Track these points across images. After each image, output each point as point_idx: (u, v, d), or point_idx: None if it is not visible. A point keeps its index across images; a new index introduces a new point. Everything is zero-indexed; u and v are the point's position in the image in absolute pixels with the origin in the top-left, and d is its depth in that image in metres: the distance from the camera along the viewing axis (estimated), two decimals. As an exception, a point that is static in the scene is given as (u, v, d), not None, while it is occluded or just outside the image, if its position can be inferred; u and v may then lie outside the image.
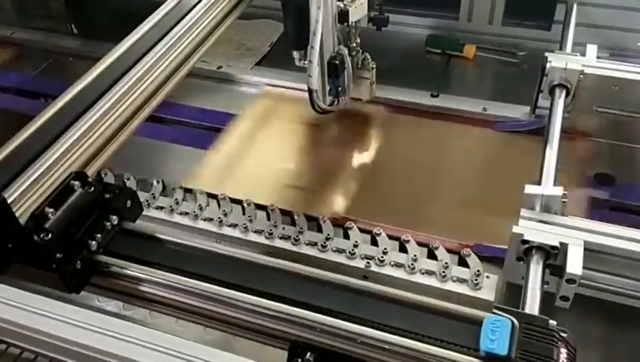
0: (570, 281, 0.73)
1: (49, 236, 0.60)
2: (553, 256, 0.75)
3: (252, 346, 0.65)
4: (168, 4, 0.90)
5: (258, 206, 0.98)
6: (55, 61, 1.47)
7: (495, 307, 0.57)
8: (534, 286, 0.71)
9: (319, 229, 0.94)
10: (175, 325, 0.81)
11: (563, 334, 0.55)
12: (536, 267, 0.74)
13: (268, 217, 0.97)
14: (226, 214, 0.97)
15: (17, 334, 0.76)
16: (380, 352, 0.56)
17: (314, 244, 0.92)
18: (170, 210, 0.99)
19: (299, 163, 1.14)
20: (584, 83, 1.00)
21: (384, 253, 0.89)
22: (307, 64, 0.98)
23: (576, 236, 0.75)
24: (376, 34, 1.11)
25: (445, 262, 0.87)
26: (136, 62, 0.80)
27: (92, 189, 0.65)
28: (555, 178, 0.84)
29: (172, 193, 1.02)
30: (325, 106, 1.06)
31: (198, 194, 1.01)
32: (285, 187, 1.06)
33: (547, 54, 1.02)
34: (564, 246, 0.74)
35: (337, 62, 1.02)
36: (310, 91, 1.01)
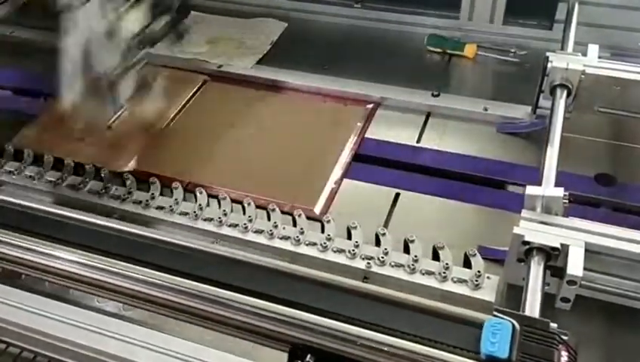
0: (571, 283, 0.73)
1: None
2: (554, 258, 0.75)
3: (251, 348, 0.66)
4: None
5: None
6: (55, 60, 1.47)
7: (495, 309, 0.57)
8: (535, 287, 0.71)
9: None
10: (174, 326, 0.81)
11: (564, 337, 0.55)
12: (537, 268, 0.74)
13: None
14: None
15: (17, 334, 0.77)
16: (380, 354, 0.56)
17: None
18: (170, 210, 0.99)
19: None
20: (585, 83, 1.00)
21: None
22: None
23: (577, 237, 0.75)
24: (377, 34, 1.11)
25: (446, 263, 0.86)
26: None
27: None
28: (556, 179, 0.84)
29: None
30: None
31: (199, 193, 1.01)
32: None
33: (548, 54, 1.02)
34: (565, 247, 0.74)
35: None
36: None
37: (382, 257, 0.88)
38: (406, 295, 0.61)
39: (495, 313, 0.56)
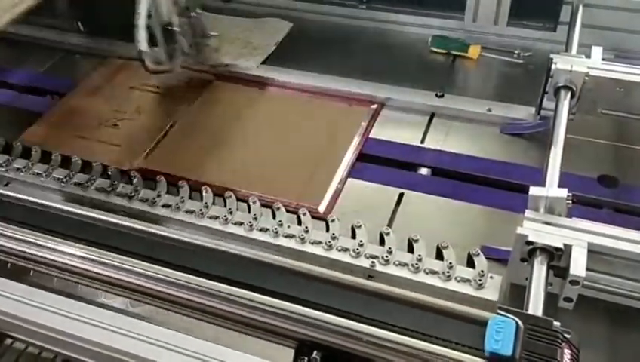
0: (573, 283, 0.74)
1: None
2: (557, 258, 0.76)
3: (258, 344, 0.66)
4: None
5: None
6: (61, 58, 1.48)
7: (499, 308, 0.58)
8: (538, 287, 0.71)
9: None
10: (181, 322, 0.81)
11: (567, 335, 0.56)
12: (540, 268, 0.74)
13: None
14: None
15: (22, 329, 0.77)
16: (386, 351, 0.57)
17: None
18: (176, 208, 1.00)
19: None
20: (589, 85, 1.00)
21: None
22: (135, 27, 1.05)
23: (580, 238, 0.76)
24: (382, 33, 1.11)
25: (450, 262, 0.87)
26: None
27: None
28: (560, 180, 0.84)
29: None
30: (154, 67, 1.14)
31: (204, 192, 1.02)
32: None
33: (552, 56, 1.02)
34: (568, 247, 0.75)
35: (170, 27, 1.12)
36: (140, 52, 1.10)
37: (386, 256, 0.89)
38: (411, 293, 0.62)
39: (499, 311, 0.57)
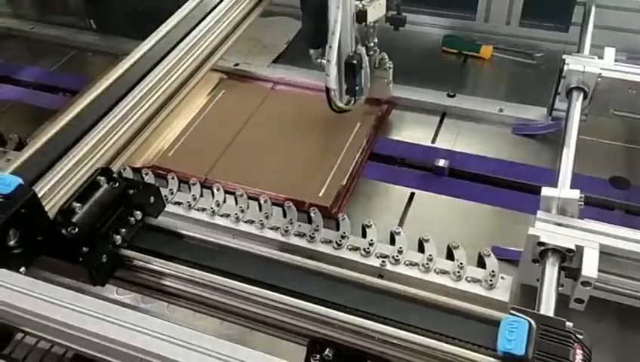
0: (585, 284, 0.73)
1: (76, 230, 0.61)
2: (569, 259, 0.76)
3: (269, 341, 0.67)
4: (190, 3, 0.92)
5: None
6: (74, 56, 1.49)
7: (512, 308, 0.58)
8: (550, 288, 0.71)
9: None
10: (192, 319, 0.82)
11: (579, 336, 0.56)
12: (551, 269, 0.74)
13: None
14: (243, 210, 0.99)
15: (33, 323, 0.78)
16: (398, 350, 0.57)
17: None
18: (188, 206, 1.01)
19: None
20: (601, 86, 1.00)
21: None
22: (325, 63, 0.99)
23: (592, 239, 0.76)
24: (392, 33, 1.12)
25: (460, 262, 0.87)
26: (160, 59, 0.82)
27: (117, 185, 0.66)
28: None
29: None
30: (342, 105, 1.08)
31: (216, 190, 1.02)
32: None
33: (565, 57, 1.02)
34: (579, 249, 0.75)
35: (355, 61, 1.03)
36: (328, 90, 1.03)
37: (396, 256, 0.89)
38: (423, 292, 0.62)
39: (512, 311, 0.57)
